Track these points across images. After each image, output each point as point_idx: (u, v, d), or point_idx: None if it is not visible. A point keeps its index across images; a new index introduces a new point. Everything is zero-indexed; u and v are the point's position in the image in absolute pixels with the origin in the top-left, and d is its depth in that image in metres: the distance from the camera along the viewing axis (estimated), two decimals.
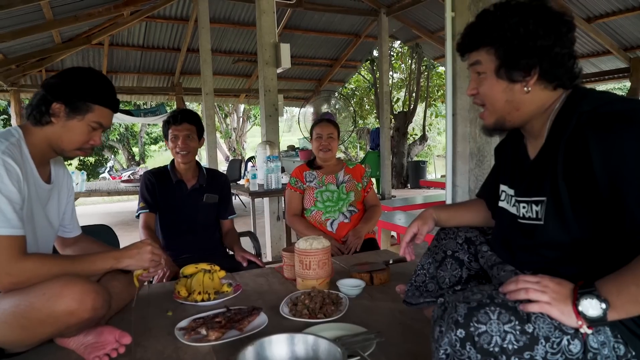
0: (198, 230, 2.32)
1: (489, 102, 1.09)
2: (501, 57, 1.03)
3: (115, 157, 18.78)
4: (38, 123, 1.35)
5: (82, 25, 6.91)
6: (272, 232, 4.42)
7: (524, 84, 1.03)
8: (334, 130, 2.57)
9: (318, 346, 1.06)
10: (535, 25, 0.99)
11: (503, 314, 0.83)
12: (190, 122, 2.29)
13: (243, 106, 17.74)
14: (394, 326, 1.39)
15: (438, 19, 8.27)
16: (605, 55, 7.89)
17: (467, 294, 0.91)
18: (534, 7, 1.02)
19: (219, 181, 2.45)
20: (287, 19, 8.57)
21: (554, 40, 0.99)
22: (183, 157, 2.29)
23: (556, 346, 0.83)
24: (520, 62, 1.01)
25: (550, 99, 1.04)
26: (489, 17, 1.06)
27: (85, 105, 1.35)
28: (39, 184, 1.38)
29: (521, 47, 1.00)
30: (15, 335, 1.18)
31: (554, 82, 1.02)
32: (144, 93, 9.83)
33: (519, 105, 1.05)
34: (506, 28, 1.01)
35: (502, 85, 1.05)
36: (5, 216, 1.18)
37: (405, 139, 11.75)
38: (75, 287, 1.17)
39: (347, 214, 2.49)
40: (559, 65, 1.00)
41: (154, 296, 1.76)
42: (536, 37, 0.99)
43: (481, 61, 1.07)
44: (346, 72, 11.61)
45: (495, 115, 1.10)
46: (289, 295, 1.60)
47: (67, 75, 1.38)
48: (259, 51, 4.35)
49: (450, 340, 0.85)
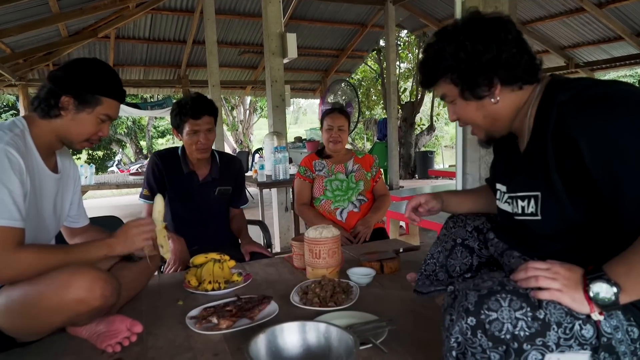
0: (209, 222, 2.24)
1: (470, 122, 1.14)
2: (459, 83, 1.07)
3: (123, 150, 18.88)
4: (46, 116, 1.33)
5: (88, 18, 6.91)
6: (281, 223, 4.42)
7: (491, 96, 1.05)
8: (345, 122, 2.55)
9: (330, 334, 1.06)
10: (472, 45, 1.02)
11: (514, 301, 0.82)
12: (210, 113, 2.09)
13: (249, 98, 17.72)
14: (405, 314, 1.38)
15: (445, 7, 8.17)
16: (616, 42, 7.77)
17: (477, 281, 0.90)
18: (466, 26, 1.05)
19: (232, 170, 2.30)
20: (292, 9, 8.52)
21: (496, 49, 1.01)
22: (203, 153, 2.12)
23: (568, 332, 0.81)
24: (478, 81, 1.04)
25: (522, 97, 1.06)
26: (432, 52, 1.10)
27: (95, 98, 1.34)
28: (46, 174, 1.38)
29: (470, 68, 1.03)
30: (26, 324, 1.18)
31: (517, 82, 1.04)
32: (150, 86, 9.86)
33: (496, 116, 1.09)
34: (448, 57, 1.05)
35: (473, 105, 1.09)
36: (5, 207, 1.17)
37: (413, 129, 11.68)
38: (84, 275, 1.17)
39: (356, 203, 2.48)
40: (514, 67, 1.02)
41: (165, 286, 1.77)
42: (479, 55, 1.02)
43: (445, 92, 1.12)
44: (353, 63, 11.54)
45: (482, 130, 1.14)
46: (299, 284, 1.60)
47: (74, 68, 1.36)
48: (265, 41, 4.32)
49: (461, 328, 0.84)
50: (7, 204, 1.18)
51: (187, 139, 2.09)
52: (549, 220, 1.01)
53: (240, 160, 2.54)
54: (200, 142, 2.07)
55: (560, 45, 8.54)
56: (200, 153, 2.12)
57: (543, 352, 0.80)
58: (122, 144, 19.13)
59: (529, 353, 0.80)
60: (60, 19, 6.22)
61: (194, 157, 2.16)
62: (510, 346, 0.80)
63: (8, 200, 1.18)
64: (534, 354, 0.80)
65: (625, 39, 7.49)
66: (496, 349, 0.81)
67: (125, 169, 13.47)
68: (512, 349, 0.80)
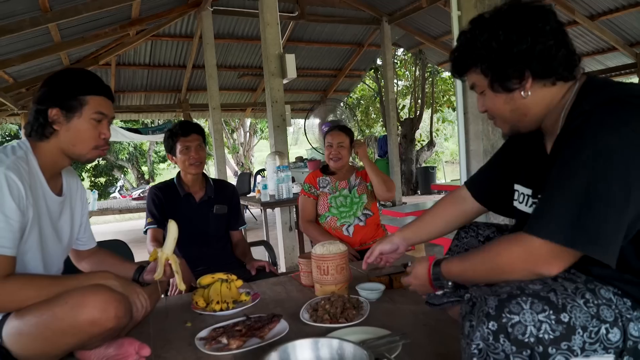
0: (211, 242, 2.29)
1: (497, 115, 1.10)
2: (488, 73, 1.03)
3: (125, 176, 18.94)
4: (43, 137, 1.33)
5: (89, 46, 7.03)
6: (285, 243, 4.40)
7: (522, 89, 1.01)
8: (345, 138, 2.54)
9: (343, 350, 1.04)
10: (505, 35, 0.97)
11: (536, 304, 0.81)
12: (198, 132, 2.29)
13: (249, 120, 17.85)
14: (418, 328, 1.35)
15: (440, 25, 8.29)
16: (610, 52, 7.86)
17: (494, 288, 0.88)
18: (502, 15, 1.01)
19: (227, 191, 2.43)
20: (290, 31, 8.66)
21: (531, 40, 0.96)
22: (196, 167, 2.27)
23: (594, 335, 0.80)
24: (508, 72, 1.00)
25: (556, 94, 1.01)
26: (464, 40, 1.07)
27: (78, 100, 1.33)
28: (50, 197, 1.36)
29: (501, 59, 0.99)
30: (38, 347, 1.16)
31: (551, 77, 0.99)
32: (151, 111, 9.95)
33: (525, 111, 1.04)
34: (480, 47, 1.01)
35: (502, 98, 1.04)
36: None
37: (413, 146, 11.71)
38: (97, 295, 1.15)
39: (362, 218, 2.48)
40: (549, 60, 0.97)
41: (172, 308, 1.75)
42: (511, 45, 0.97)
43: (475, 82, 1.08)
44: (351, 82, 11.66)
45: (508, 124, 1.10)
46: (308, 302, 1.58)
47: (50, 81, 1.37)
48: (265, 63, 4.38)
49: (482, 334, 0.82)
50: (0, 230, 1.15)
51: (181, 157, 2.26)
52: None
53: (233, 184, 2.65)
54: (192, 157, 2.24)
55: None
56: (194, 168, 2.26)
57: (568, 357, 0.78)
58: (123, 169, 19.20)
59: (554, 357, 0.78)
60: (62, 48, 6.32)
61: (189, 173, 2.29)
62: (535, 350, 0.78)
63: (2, 227, 1.15)
64: (559, 358, 0.78)
65: (619, 50, 7.58)
66: (520, 353, 0.79)
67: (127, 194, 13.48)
68: (537, 353, 0.78)
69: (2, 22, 4.74)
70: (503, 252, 0.95)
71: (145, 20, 6.86)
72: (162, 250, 1.55)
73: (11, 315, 1.19)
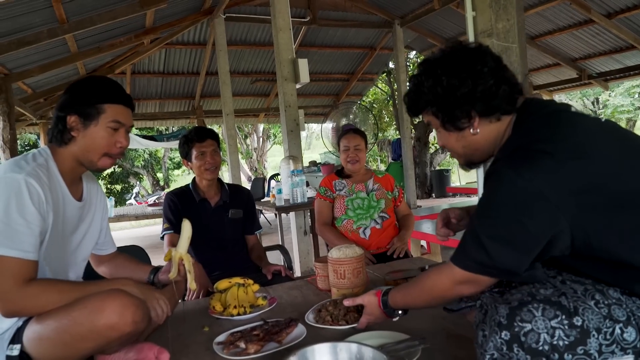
0: (227, 246, 2.30)
1: (451, 150, 1.17)
2: (439, 115, 1.10)
3: (140, 183, 19.18)
4: (62, 143, 1.35)
5: (105, 55, 7.14)
6: (300, 247, 4.39)
7: (470, 127, 1.07)
8: (361, 141, 2.56)
9: (362, 355, 1.03)
10: (448, 80, 1.03)
11: (547, 310, 0.79)
12: (213, 137, 2.32)
13: (262, 126, 17.95)
14: (437, 332, 1.33)
15: (453, 26, 8.25)
16: (629, 51, 7.71)
17: (505, 296, 0.88)
18: (444, 60, 1.07)
19: (242, 196, 2.45)
20: (302, 36, 8.69)
21: (472, 82, 1.02)
22: (212, 172, 2.29)
23: (609, 336, 0.78)
24: (456, 114, 1.06)
25: (501, 128, 1.07)
26: (412, 85, 1.14)
27: (96, 108, 1.34)
28: (70, 202, 1.37)
29: (447, 102, 1.06)
30: (58, 351, 1.17)
31: (496, 113, 1.05)
32: (166, 118, 10.08)
33: (476, 146, 1.11)
34: (427, 92, 1.08)
35: (454, 136, 1.11)
36: (20, 238, 1.16)
37: (427, 149, 11.65)
38: (115, 300, 1.16)
39: (378, 220, 2.47)
40: (491, 99, 1.03)
41: (189, 313, 1.75)
42: (454, 90, 1.03)
43: (430, 120, 1.15)
44: (363, 86, 11.65)
45: (462, 158, 1.18)
46: (316, 305, 1.58)
47: (71, 88, 1.39)
48: (278, 68, 4.39)
49: (496, 343, 0.81)
50: (22, 235, 1.17)
51: (197, 162, 2.27)
52: None
53: (248, 189, 2.68)
54: (208, 162, 2.26)
55: (572, 58, 8.50)
56: (210, 173, 2.28)
57: None
58: (139, 176, 19.45)
59: None
60: (79, 58, 6.44)
61: (205, 178, 2.30)
62: (550, 358, 0.77)
63: (24, 231, 1.17)
64: None
65: (638, 48, 7.43)
66: None
67: (143, 200, 13.64)
68: None
69: (21, 34, 4.85)
70: (435, 283, 1.09)
71: (159, 29, 6.95)
72: (175, 250, 1.55)
73: (32, 320, 1.21)
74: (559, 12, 7.07)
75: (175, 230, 2.24)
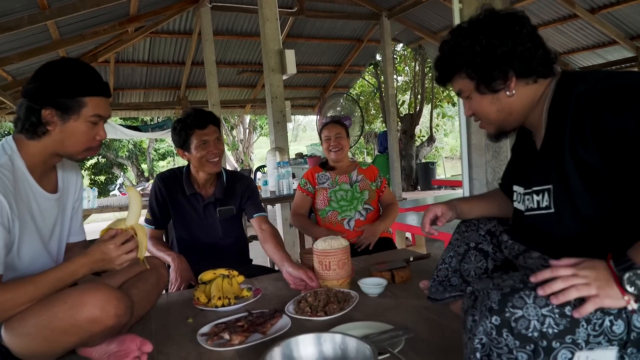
0: (217, 244, 2.14)
1: (483, 116, 1.15)
2: (474, 76, 1.09)
3: (124, 174, 18.92)
4: (34, 136, 1.23)
5: (88, 43, 7.00)
6: (286, 239, 4.40)
7: (506, 89, 1.07)
8: (341, 129, 2.56)
9: (346, 345, 1.03)
10: (487, 39, 1.04)
11: (539, 298, 0.80)
12: (215, 123, 2.01)
13: (249, 117, 17.82)
14: (420, 322, 1.35)
15: (440, 20, 8.26)
16: (611, 46, 7.83)
17: (496, 281, 0.88)
18: (481, 22, 1.08)
19: (239, 185, 2.16)
20: (289, 27, 8.62)
21: (511, 42, 1.03)
22: (216, 165, 2.01)
23: (598, 328, 0.79)
24: (493, 74, 1.06)
25: (537, 91, 1.07)
26: (447, 48, 1.13)
27: (76, 101, 1.22)
28: (43, 197, 1.30)
29: (485, 61, 1.05)
30: (39, 347, 1.15)
31: (533, 75, 1.05)
32: (150, 108, 9.93)
33: (510, 110, 1.09)
34: (464, 52, 1.08)
35: (488, 99, 1.10)
36: None
37: (413, 141, 11.71)
38: (96, 294, 1.14)
39: (362, 212, 2.47)
40: (529, 60, 1.03)
41: (173, 304, 1.74)
42: (494, 48, 1.04)
43: (461, 87, 1.14)
44: (350, 78, 11.64)
45: (494, 125, 1.16)
46: (296, 297, 1.59)
47: (44, 75, 1.23)
48: (264, 59, 4.36)
49: (485, 328, 0.81)
50: None
51: (197, 153, 1.97)
52: (563, 214, 1.01)
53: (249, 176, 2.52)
54: (211, 152, 1.97)
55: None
56: (214, 165, 2.00)
57: (573, 350, 0.78)
58: (123, 167, 19.18)
59: (558, 351, 0.78)
60: (61, 45, 6.30)
61: (208, 171, 2.03)
62: (538, 345, 0.78)
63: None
64: (563, 352, 0.77)
65: (619, 43, 7.55)
66: (524, 348, 0.78)
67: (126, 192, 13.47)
68: (541, 348, 0.78)
69: (1, 20, 4.72)
70: None
71: (143, 17, 6.83)
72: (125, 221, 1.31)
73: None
74: (544, 6, 7.13)
75: (156, 226, 2.09)
